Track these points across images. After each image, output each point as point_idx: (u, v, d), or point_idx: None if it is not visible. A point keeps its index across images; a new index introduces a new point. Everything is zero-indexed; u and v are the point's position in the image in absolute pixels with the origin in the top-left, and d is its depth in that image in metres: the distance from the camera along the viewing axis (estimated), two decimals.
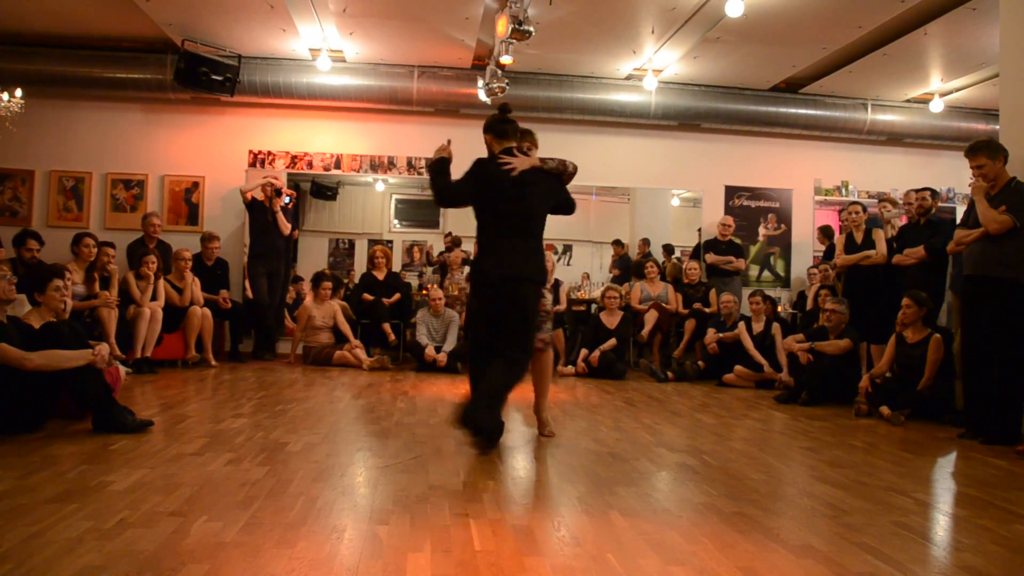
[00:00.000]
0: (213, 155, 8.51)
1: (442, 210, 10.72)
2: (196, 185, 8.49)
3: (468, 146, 8.12)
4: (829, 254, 8.03)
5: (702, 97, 8.66)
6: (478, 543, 2.34)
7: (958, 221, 5.14)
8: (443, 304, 7.65)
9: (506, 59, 6.66)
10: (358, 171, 8.88)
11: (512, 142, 4.03)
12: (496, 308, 3.86)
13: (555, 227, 4.11)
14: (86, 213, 8.32)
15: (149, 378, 6.13)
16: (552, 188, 4.00)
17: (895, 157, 9.49)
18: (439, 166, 3.96)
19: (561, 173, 4.02)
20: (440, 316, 7.60)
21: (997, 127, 5.34)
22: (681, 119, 8.83)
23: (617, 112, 8.61)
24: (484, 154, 4.02)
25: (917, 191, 6.25)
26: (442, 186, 3.93)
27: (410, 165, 8.73)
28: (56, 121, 8.30)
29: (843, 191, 9.38)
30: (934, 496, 3.30)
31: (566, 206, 4.10)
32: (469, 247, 9.50)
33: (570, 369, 7.41)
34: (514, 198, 3.87)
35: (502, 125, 4.03)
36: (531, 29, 6.05)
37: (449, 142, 4.09)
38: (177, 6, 6.80)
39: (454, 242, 9.29)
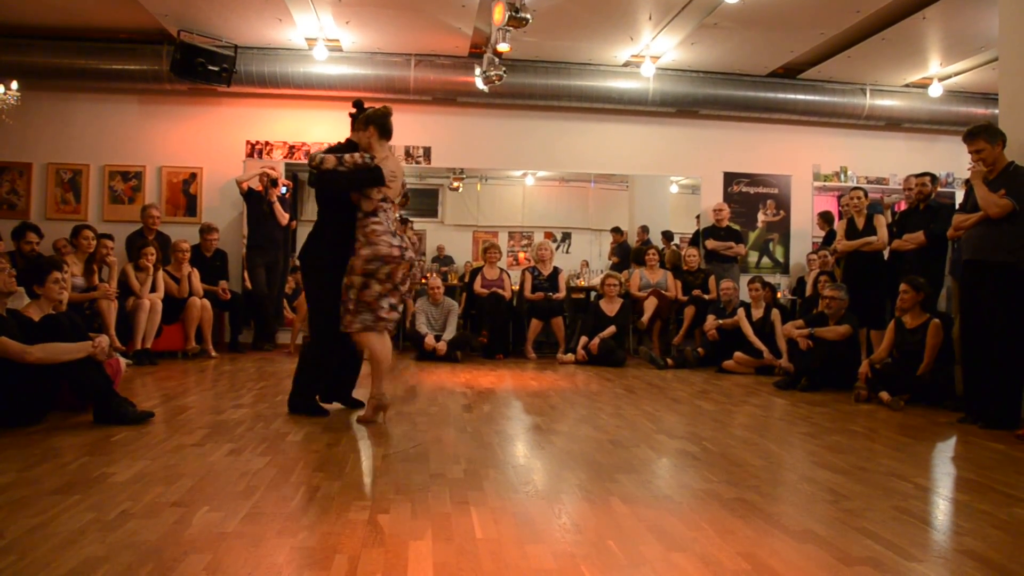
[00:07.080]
0: (210, 146, 8.49)
1: (440, 199, 11.34)
2: (194, 176, 8.47)
3: (463, 133, 8.18)
4: (829, 240, 8.02)
5: (700, 83, 8.62)
6: (479, 531, 2.35)
7: (957, 206, 5.13)
8: (442, 293, 7.64)
9: (503, 47, 6.63)
10: None
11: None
12: None
13: (554, 215, 4.11)
14: (84, 205, 8.30)
15: (149, 369, 6.15)
16: None
17: (894, 142, 9.46)
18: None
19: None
20: (439, 305, 7.59)
21: (996, 111, 5.32)
22: (679, 105, 8.79)
23: (615, 99, 8.56)
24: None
25: (916, 176, 6.25)
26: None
27: (408, 154, 8.69)
28: (53, 113, 8.28)
29: (842, 176, 9.35)
30: (934, 481, 3.32)
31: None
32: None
33: (570, 357, 7.42)
34: None
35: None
36: (528, 16, 6.02)
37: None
38: None
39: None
